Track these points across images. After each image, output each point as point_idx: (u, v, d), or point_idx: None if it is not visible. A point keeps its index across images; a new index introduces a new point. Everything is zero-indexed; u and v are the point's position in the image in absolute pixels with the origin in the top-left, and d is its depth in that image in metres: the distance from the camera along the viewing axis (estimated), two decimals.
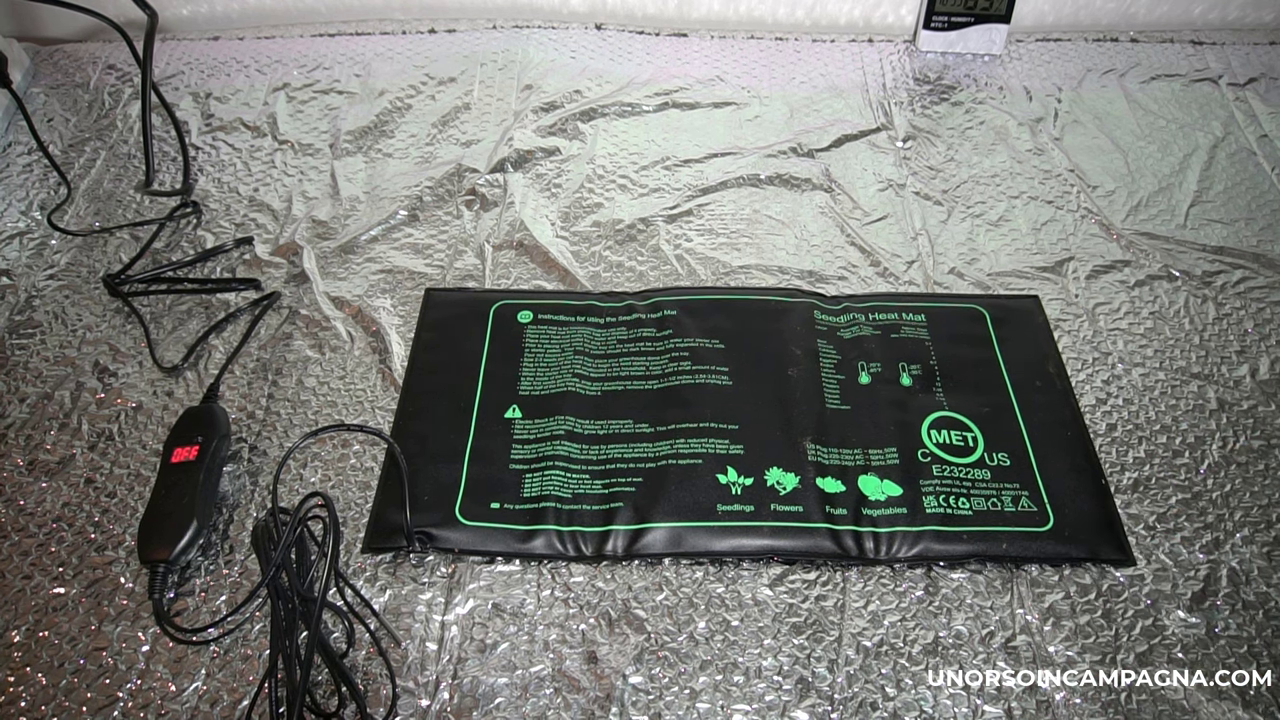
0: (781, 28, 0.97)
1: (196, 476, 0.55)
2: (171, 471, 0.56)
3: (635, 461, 0.58)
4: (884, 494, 0.57)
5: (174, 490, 0.55)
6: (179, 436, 0.58)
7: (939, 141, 0.83)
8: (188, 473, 0.56)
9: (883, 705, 0.50)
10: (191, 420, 0.59)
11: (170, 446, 0.57)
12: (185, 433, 0.58)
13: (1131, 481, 0.60)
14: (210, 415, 0.59)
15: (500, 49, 0.92)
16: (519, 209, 0.76)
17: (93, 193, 0.78)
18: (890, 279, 0.71)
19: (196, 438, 0.57)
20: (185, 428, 0.58)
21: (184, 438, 0.57)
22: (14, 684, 0.50)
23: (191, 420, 0.59)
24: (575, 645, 0.52)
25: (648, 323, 0.66)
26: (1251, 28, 0.96)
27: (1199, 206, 0.77)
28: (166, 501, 0.55)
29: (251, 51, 0.92)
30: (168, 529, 0.53)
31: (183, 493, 0.55)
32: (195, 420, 0.59)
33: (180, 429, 0.58)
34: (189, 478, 0.55)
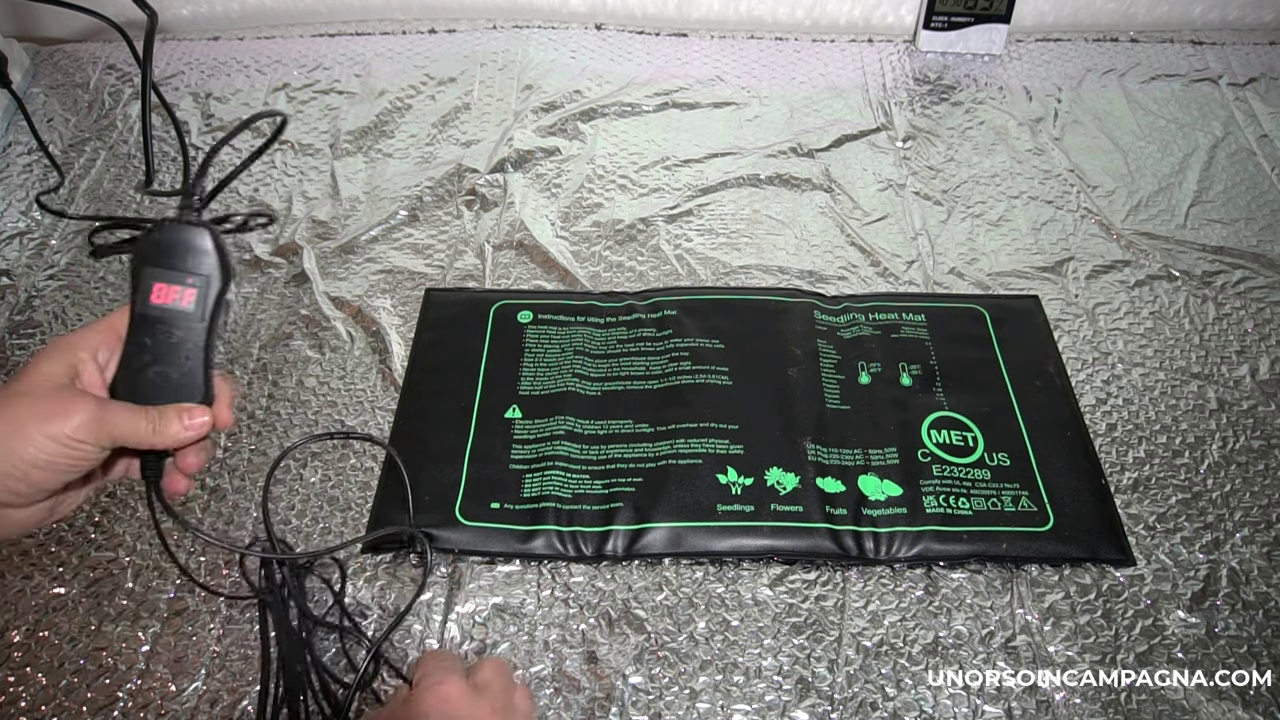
0: (781, 28, 0.97)
1: (199, 337, 0.39)
2: (154, 320, 0.38)
3: (635, 461, 0.58)
4: (884, 494, 0.57)
5: (164, 347, 0.39)
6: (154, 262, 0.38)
7: (939, 141, 0.83)
8: (185, 325, 0.38)
9: (883, 705, 0.50)
10: (180, 243, 0.38)
11: (145, 275, 0.38)
12: (166, 260, 0.38)
13: (1131, 481, 0.60)
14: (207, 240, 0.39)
15: (500, 49, 0.92)
16: (519, 209, 0.76)
17: (93, 192, 0.78)
18: (890, 279, 0.71)
19: (188, 277, 0.38)
20: (162, 253, 0.38)
21: (164, 268, 0.38)
22: (14, 684, 0.50)
23: (180, 243, 0.38)
24: (575, 645, 0.52)
25: (648, 323, 0.66)
26: (1251, 28, 0.96)
27: (1199, 206, 0.77)
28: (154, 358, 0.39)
29: (251, 51, 0.92)
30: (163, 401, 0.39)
31: (180, 353, 0.39)
32: (185, 244, 0.38)
33: (152, 248, 0.38)
34: (185, 333, 0.39)
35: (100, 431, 0.37)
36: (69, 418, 0.36)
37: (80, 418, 0.36)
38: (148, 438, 0.38)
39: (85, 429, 0.36)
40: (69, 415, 0.36)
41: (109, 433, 0.37)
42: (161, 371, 0.39)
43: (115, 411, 0.38)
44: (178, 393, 0.39)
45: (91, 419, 0.36)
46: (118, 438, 0.37)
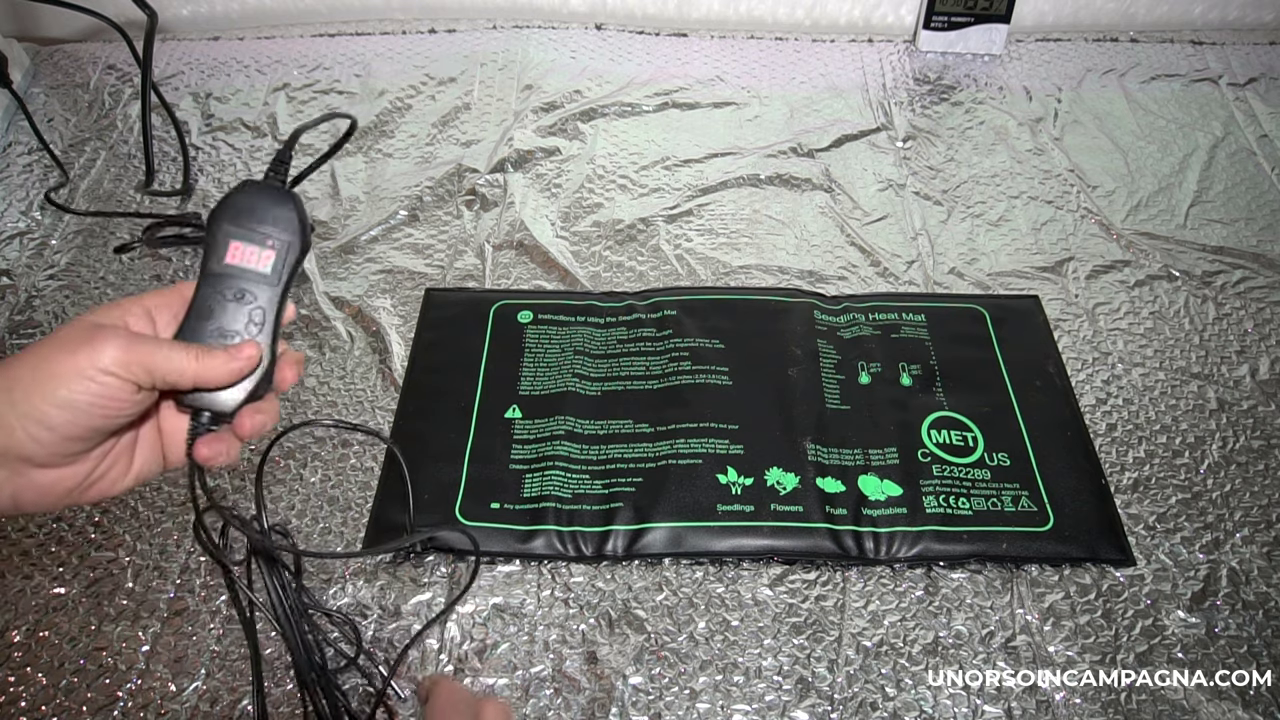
0: (781, 28, 0.97)
1: (271, 301, 0.38)
2: (227, 278, 0.37)
3: (635, 461, 0.58)
4: (884, 494, 0.57)
5: (233, 307, 0.37)
6: (235, 220, 0.37)
7: (939, 141, 0.83)
8: (258, 287, 0.38)
9: (883, 705, 0.50)
10: (262, 206, 0.38)
11: (222, 233, 0.37)
12: (246, 219, 0.38)
13: (1131, 481, 0.60)
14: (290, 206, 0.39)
15: (500, 49, 0.92)
16: (519, 209, 0.76)
17: (93, 192, 0.78)
18: (890, 279, 0.71)
19: (268, 239, 0.38)
20: (243, 214, 0.38)
21: (243, 227, 0.37)
22: (14, 684, 0.50)
23: (262, 206, 0.38)
24: (575, 645, 0.52)
25: (648, 323, 0.66)
26: (1251, 28, 0.96)
27: (1199, 206, 0.77)
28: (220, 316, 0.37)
29: (251, 51, 0.92)
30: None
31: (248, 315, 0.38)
32: (268, 207, 0.38)
33: (233, 207, 0.38)
34: (256, 295, 0.38)
35: (132, 362, 0.33)
36: (98, 348, 0.32)
37: (111, 346, 0.32)
38: (190, 367, 0.34)
39: (115, 359, 0.32)
40: (98, 345, 0.32)
41: (143, 363, 0.33)
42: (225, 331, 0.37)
43: (153, 343, 0.34)
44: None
45: (123, 347, 0.33)
46: (155, 370, 0.34)
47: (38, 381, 0.32)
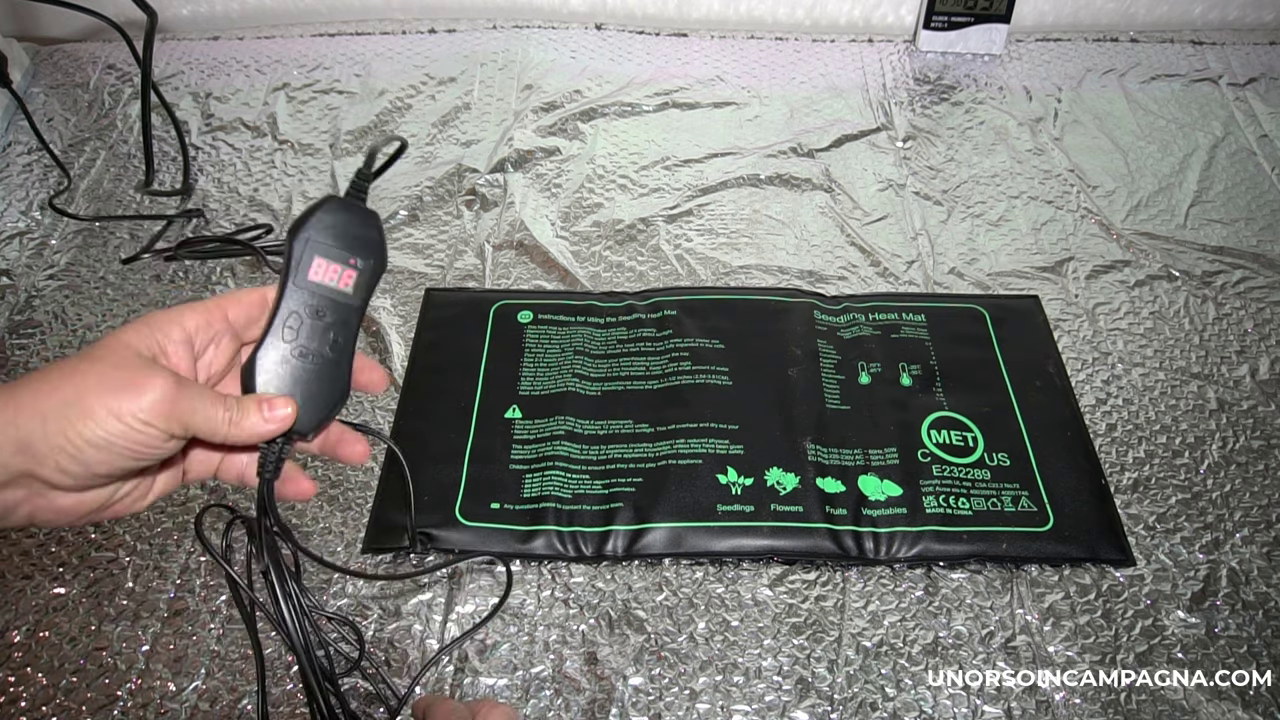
0: (781, 28, 0.97)
1: (351, 321, 0.37)
2: (310, 297, 0.36)
3: (635, 461, 0.58)
4: (884, 494, 0.57)
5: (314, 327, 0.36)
6: (319, 237, 0.36)
7: (939, 141, 0.83)
8: (338, 308, 0.37)
9: (882, 705, 0.50)
10: (345, 224, 0.36)
11: (308, 249, 0.36)
12: (330, 238, 0.36)
13: (1131, 481, 0.60)
14: (373, 225, 0.37)
15: (500, 49, 0.92)
16: (519, 209, 0.76)
17: (93, 192, 0.78)
18: (890, 279, 0.71)
19: (351, 258, 0.36)
20: (327, 231, 0.36)
21: (328, 245, 0.36)
22: (14, 684, 0.50)
23: (345, 224, 0.36)
24: (575, 646, 0.52)
25: (648, 323, 0.66)
26: (1251, 28, 0.96)
27: (1199, 206, 0.77)
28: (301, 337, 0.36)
29: (251, 51, 0.92)
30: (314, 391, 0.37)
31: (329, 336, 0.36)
32: (350, 226, 0.37)
33: (319, 224, 0.36)
34: (337, 316, 0.37)
35: (172, 416, 0.32)
36: (140, 393, 0.31)
37: (153, 395, 0.32)
38: (222, 428, 0.34)
39: (156, 409, 0.32)
40: (141, 391, 0.31)
41: (181, 418, 0.33)
42: (306, 350, 0.36)
43: (192, 394, 0.33)
44: (321, 379, 0.36)
45: (165, 399, 0.32)
46: (190, 425, 0.33)
47: (72, 417, 0.31)
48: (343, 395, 0.37)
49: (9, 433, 0.31)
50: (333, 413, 0.37)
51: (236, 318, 0.37)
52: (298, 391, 0.36)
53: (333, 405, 0.37)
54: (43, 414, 0.31)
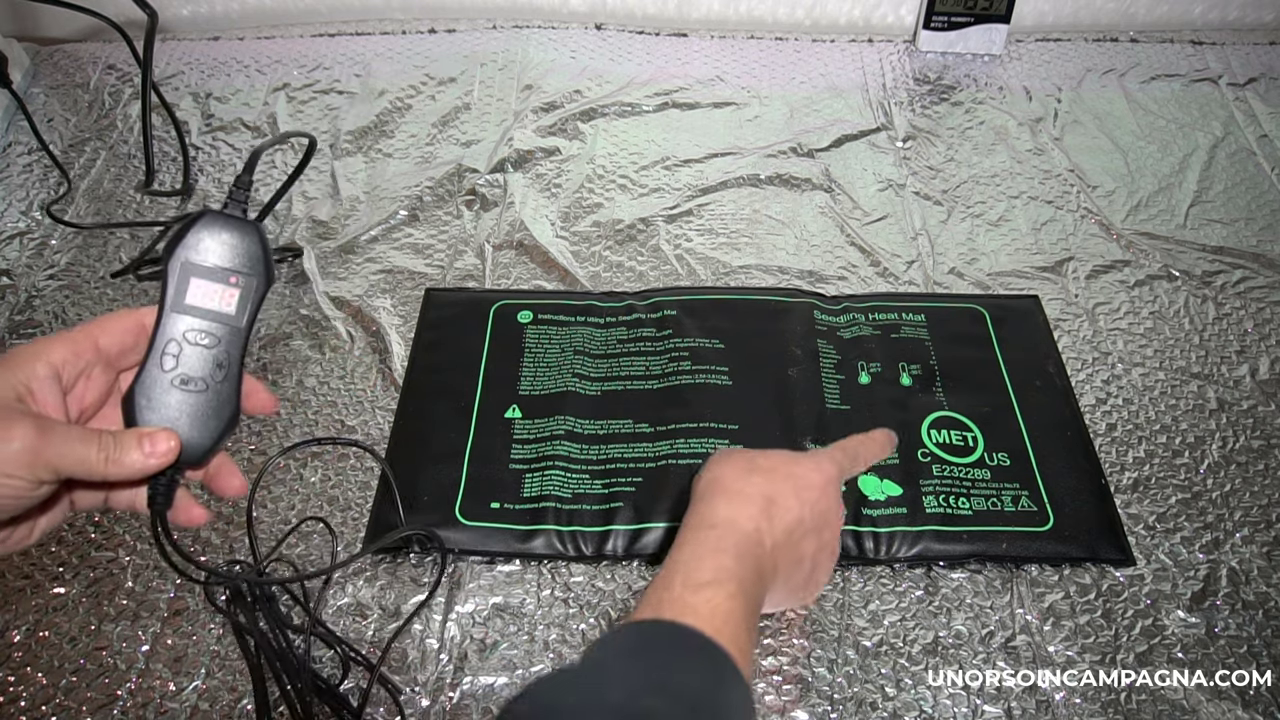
0: (781, 28, 0.97)
1: (236, 343, 0.36)
2: (190, 321, 0.35)
3: (635, 461, 0.58)
4: (884, 494, 0.57)
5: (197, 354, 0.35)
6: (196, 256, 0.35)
7: (939, 141, 0.83)
8: (221, 329, 0.35)
9: (883, 705, 0.50)
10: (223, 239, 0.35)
11: (181, 271, 0.35)
12: (208, 256, 0.35)
13: (1131, 481, 0.60)
14: (254, 238, 0.36)
15: (500, 49, 0.92)
16: (519, 209, 0.76)
17: (93, 192, 0.78)
18: (890, 279, 0.71)
19: (231, 276, 0.35)
20: (204, 250, 0.35)
21: (206, 265, 0.35)
22: (14, 684, 0.50)
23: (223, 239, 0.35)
24: (575, 645, 0.52)
25: (648, 323, 0.66)
26: (1251, 28, 0.96)
27: (1199, 206, 0.77)
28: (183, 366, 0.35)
29: (251, 51, 0.92)
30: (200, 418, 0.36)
31: (213, 362, 0.36)
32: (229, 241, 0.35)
33: (194, 243, 0.35)
34: (222, 339, 0.35)
35: (37, 464, 0.31)
36: (2, 441, 0.30)
37: (14, 445, 0.30)
38: (99, 468, 0.32)
39: (19, 460, 0.30)
40: (3, 437, 0.30)
41: (50, 464, 0.31)
42: (188, 378, 0.34)
43: (59, 437, 0.31)
44: (207, 406, 0.35)
45: (28, 448, 0.30)
46: (61, 469, 0.31)
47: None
48: (232, 420, 0.36)
49: None
50: (223, 439, 0.36)
51: (108, 346, 0.35)
52: (183, 421, 0.35)
53: (221, 432, 0.36)
54: None
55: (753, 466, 0.42)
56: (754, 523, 0.39)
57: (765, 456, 0.43)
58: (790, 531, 0.40)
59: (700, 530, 0.39)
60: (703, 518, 0.39)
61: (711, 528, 0.39)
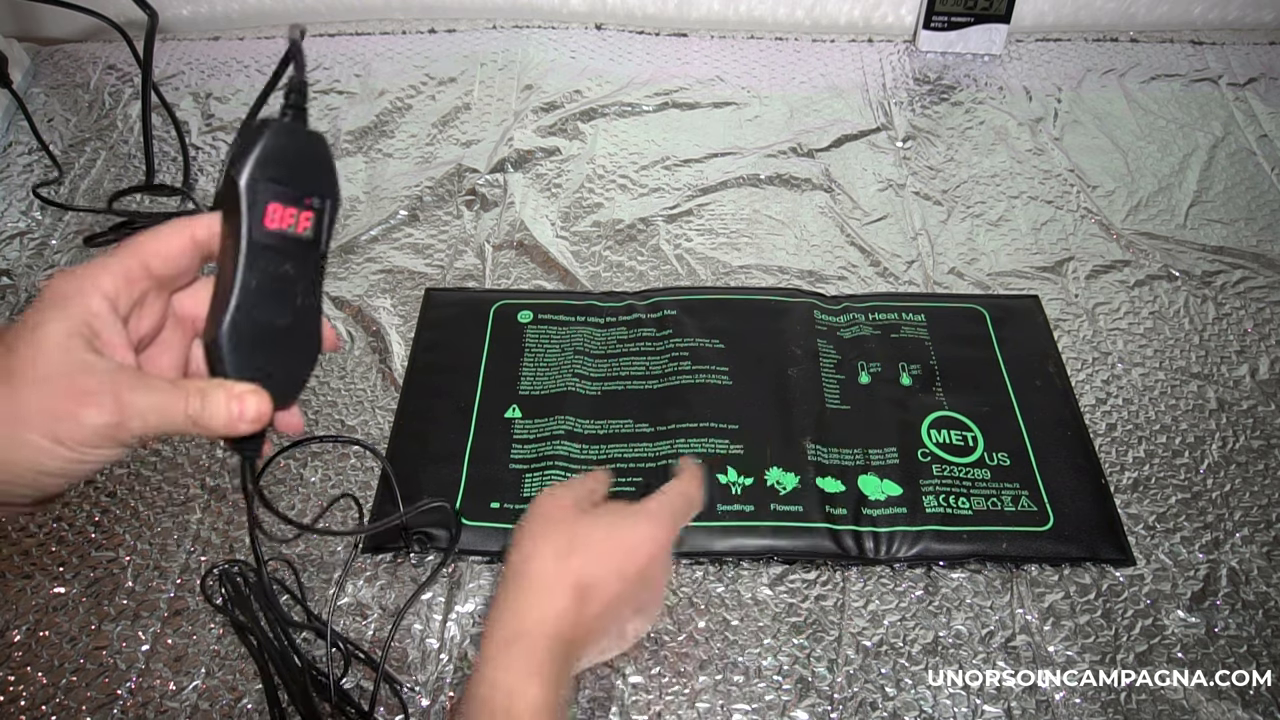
0: (781, 28, 0.97)
1: (315, 272, 0.33)
2: (268, 250, 0.31)
3: (635, 461, 0.58)
4: (884, 494, 0.57)
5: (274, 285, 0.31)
6: (268, 175, 0.30)
7: (939, 141, 0.83)
8: (299, 257, 0.32)
9: (883, 705, 0.50)
10: (293, 154, 0.31)
11: (258, 195, 0.30)
12: (280, 174, 0.31)
13: (1131, 481, 0.60)
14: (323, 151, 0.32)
15: (500, 49, 0.92)
16: (519, 209, 0.76)
17: (93, 192, 0.78)
18: (890, 279, 0.71)
19: (306, 197, 0.31)
20: (277, 166, 0.30)
21: (279, 184, 0.30)
22: (14, 684, 0.50)
23: (293, 154, 0.31)
24: None
25: (648, 323, 0.66)
26: (1251, 28, 0.96)
27: (1199, 206, 0.77)
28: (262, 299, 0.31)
29: (251, 51, 0.92)
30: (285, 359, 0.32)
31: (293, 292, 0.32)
32: (299, 156, 0.31)
33: (264, 157, 0.30)
34: (299, 267, 0.32)
35: (122, 431, 0.29)
36: (83, 415, 0.28)
37: (97, 421, 0.28)
38: (186, 428, 0.30)
39: (103, 433, 0.28)
40: (83, 411, 0.28)
41: (133, 430, 0.29)
42: (273, 319, 0.31)
43: (142, 400, 0.29)
44: (293, 345, 0.32)
45: (110, 422, 0.28)
46: (145, 432, 0.29)
47: (14, 455, 0.28)
48: (314, 357, 0.33)
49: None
50: (305, 378, 0.33)
51: (161, 269, 0.32)
52: (270, 365, 0.31)
53: (306, 370, 0.33)
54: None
55: (572, 545, 0.40)
56: (567, 619, 0.38)
57: (591, 527, 0.41)
58: (606, 608, 0.40)
59: (513, 642, 0.37)
60: (514, 614, 0.38)
61: (521, 637, 0.37)
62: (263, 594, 0.51)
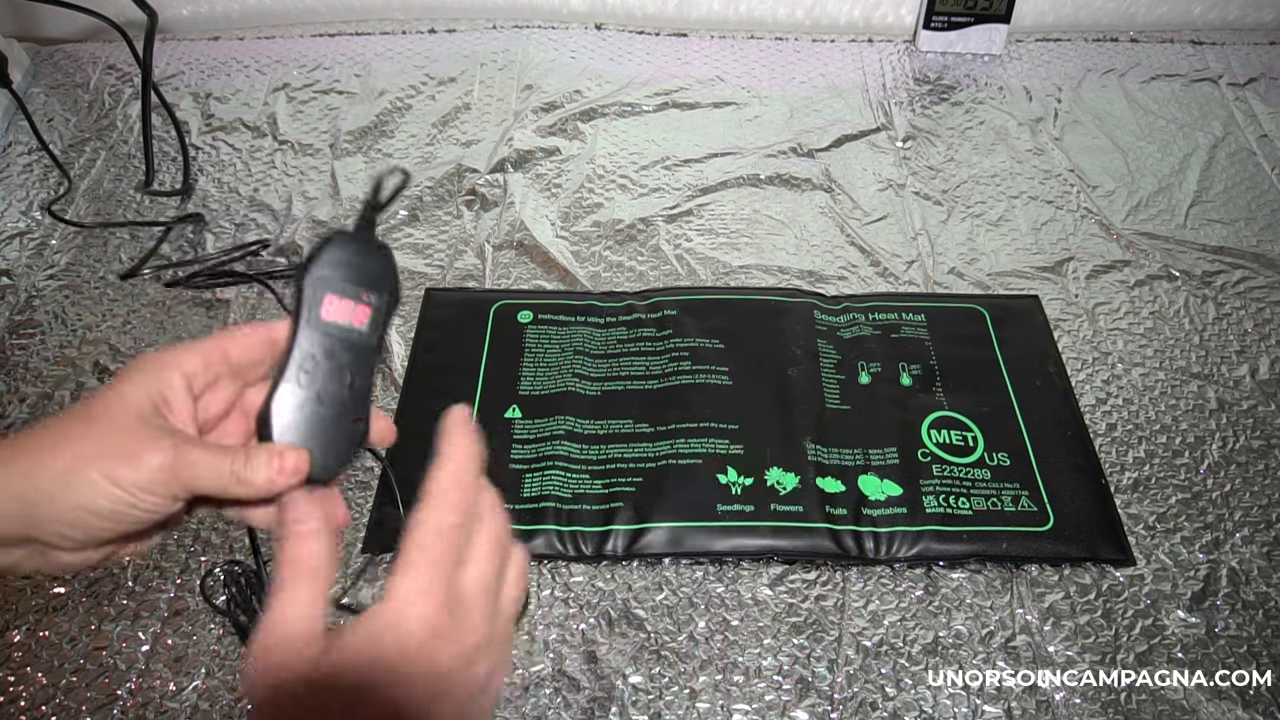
0: (781, 28, 0.97)
1: (367, 360, 0.36)
2: (325, 338, 0.34)
3: (635, 461, 0.58)
4: (884, 494, 0.57)
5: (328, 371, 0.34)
6: (330, 274, 0.34)
7: (939, 141, 0.83)
8: (353, 347, 0.35)
9: (883, 705, 0.50)
10: (355, 258, 0.35)
11: (317, 290, 0.34)
12: (342, 273, 0.35)
13: (1131, 481, 0.60)
14: (385, 259, 0.36)
15: (500, 49, 0.92)
16: (519, 209, 0.76)
17: (93, 192, 0.78)
18: (890, 279, 0.71)
19: (364, 294, 0.35)
20: (338, 267, 0.35)
21: (340, 281, 0.34)
22: (14, 684, 0.50)
23: (355, 258, 0.35)
24: (575, 645, 0.52)
25: (648, 323, 0.66)
26: (1251, 28, 0.96)
27: (1199, 206, 0.77)
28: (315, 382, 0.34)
29: (251, 51, 0.92)
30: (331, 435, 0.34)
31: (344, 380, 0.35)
32: (361, 260, 0.35)
33: (329, 260, 0.34)
34: (353, 358, 0.35)
35: (173, 482, 0.31)
36: (140, 462, 0.30)
37: (154, 463, 0.30)
38: (230, 486, 0.32)
39: (156, 478, 0.30)
40: (140, 459, 0.30)
41: (184, 483, 0.31)
42: (322, 397, 0.34)
43: (196, 457, 0.31)
44: (338, 424, 0.35)
45: (166, 467, 0.30)
46: (194, 486, 0.32)
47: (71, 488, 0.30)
48: (362, 437, 0.36)
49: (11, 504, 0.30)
50: (350, 456, 0.36)
51: (238, 358, 0.35)
52: (315, 438, 0.34)
53: (349, 452, 0.36)
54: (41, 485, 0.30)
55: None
56: None
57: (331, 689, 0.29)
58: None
59: None
60: None
61: None
62: (263, 594, 0.51)
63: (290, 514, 0.33)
